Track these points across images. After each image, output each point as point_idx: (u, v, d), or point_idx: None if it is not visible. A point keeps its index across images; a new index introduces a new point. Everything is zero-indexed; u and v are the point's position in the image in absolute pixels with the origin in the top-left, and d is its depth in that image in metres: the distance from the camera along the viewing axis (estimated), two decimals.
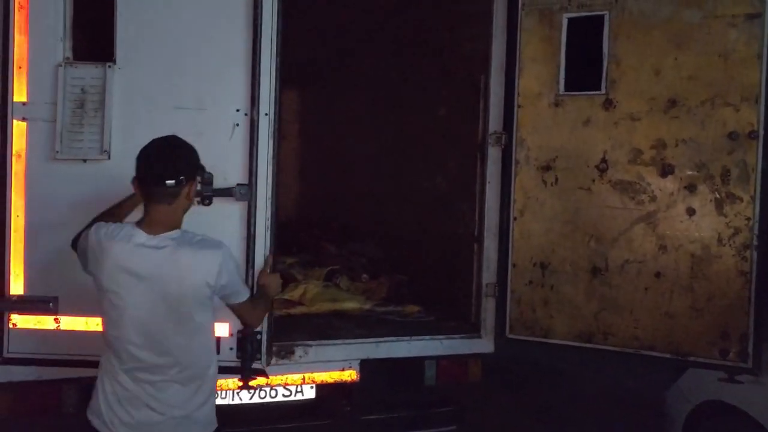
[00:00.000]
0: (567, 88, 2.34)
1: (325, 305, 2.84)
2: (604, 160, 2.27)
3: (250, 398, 2.41)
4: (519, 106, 2.46)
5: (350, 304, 2.86)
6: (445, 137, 3.11)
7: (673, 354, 2.23)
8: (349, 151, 4.70)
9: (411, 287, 3.30)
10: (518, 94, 2.45)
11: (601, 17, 2.28)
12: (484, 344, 2.63)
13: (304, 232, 4.89)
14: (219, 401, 2.33)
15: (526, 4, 2.44)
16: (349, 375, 2.44)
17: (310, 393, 2.48)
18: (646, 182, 2.21)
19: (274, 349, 2.30)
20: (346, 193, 4.70)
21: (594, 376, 3.14)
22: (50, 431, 2.13)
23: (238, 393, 2.36)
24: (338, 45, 4.61)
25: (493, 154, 2.61)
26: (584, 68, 2.31)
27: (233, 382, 2.30)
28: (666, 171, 2.18)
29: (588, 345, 2.28)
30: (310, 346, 2.37)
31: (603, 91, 2.28)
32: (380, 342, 2.47)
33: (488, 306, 2.63)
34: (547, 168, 2.37)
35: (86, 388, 2.13)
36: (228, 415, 2.36)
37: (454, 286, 2.90)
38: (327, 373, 2.43)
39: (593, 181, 2.29)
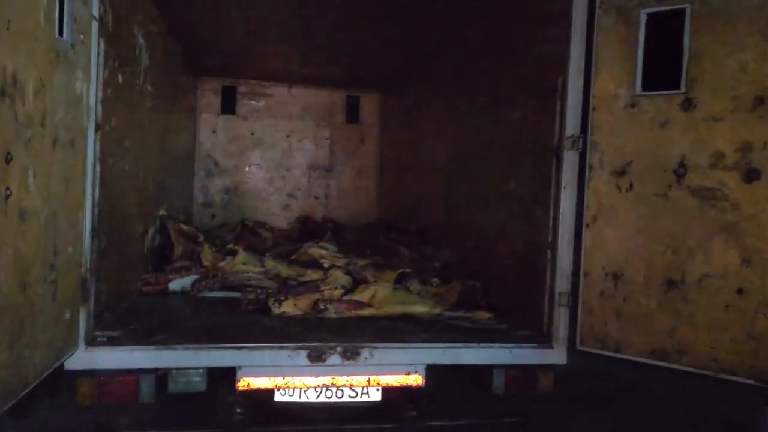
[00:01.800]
0: (644, 87, 2.23)
1: (394, 308, 2.85)
2: (682, 165, 2.14)
3: (317, 397, 2.46)
4: (593, 109, 2.37)
5: (419, 308, 2.86)
6: (520, 141, 3.04)
7: (757, 380, 2.06)
8: (427, 155, 4.69)
9: (483, 293, 3.25)
10: (593, 95, 2.37)
11: (682, 11, 2.16)
12: (556, 355, 2.55)
13: (379, 235, 4.93)
14: (286, 398, 2.41)
15: (604, 2, 2.36)
16: (415, 380, 2.44)
17: (375, 395, 2.49)
18: (728, 188, 2.07)
19: (339, 349, 2.35)
20: (423, 196, 4.69)
21: (675, 394, 2.96)
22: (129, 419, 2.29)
23: (305, 391, 2.42)
24: (417, 49, 4.62)
25: (570, 158, 2.53)
26: (662, 67, 2.19)
27: (300, 381, 2.37)
28: (751, 176, 2.02)
29: (662, 363, 2.15)
30: (377, 348, 2.38)
31: (682, 90, 2.15)
32: (447, 347, 2.45)
33: (561, 316, 2.55)
34: (621, 173, 2.27)
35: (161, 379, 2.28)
36: (294, 413, 2.44)
37: (527, 293, 2.83)
38: (392, 377, 2.43)
39: (670, 186, 2.16)
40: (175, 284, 3.36)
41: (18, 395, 1.74)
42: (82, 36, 2.10)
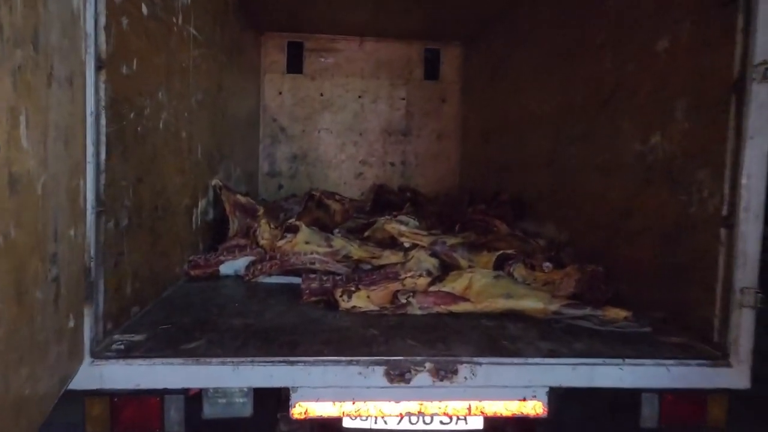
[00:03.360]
0: None
1: (497, 302, 2.17)
2: None
3: (398, 423, 1.84)
4: None
5: (530, 303, 2.16)
6: (667, 81, 2.26)
7: None
8: (522, 114, 3.92)
9: (606, 282, 2.52)
10: None
11: None
12: (735, 376, 1.80)
13: (466, 206, 4.23)
14: (357, 424, 1.81)
15: None
16: (534, 407, 1.76)
17: (476, 424, 1.85)
18: None
19: (428, 365, 1.70)
20: (518, 162, 3.93)
21: None
22: None
23: (383, 419, 1.80)
24: None
25: (761, 94, 1.74)
26: None
27: (376, 407, 1.75)
28: None
29: None
30: (480, 364, 1.72)
31: None
32: (579, 364, 1.75)
33: (743, 321, 1.80)
34: None
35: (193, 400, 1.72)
36: None
37: (681, 286, 2.08)
38: (502, 403, 1.77)
39: None
40: (227, 267, 2.82)
41: None
42: None
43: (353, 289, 2.21)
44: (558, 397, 1.79)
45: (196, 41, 2.87)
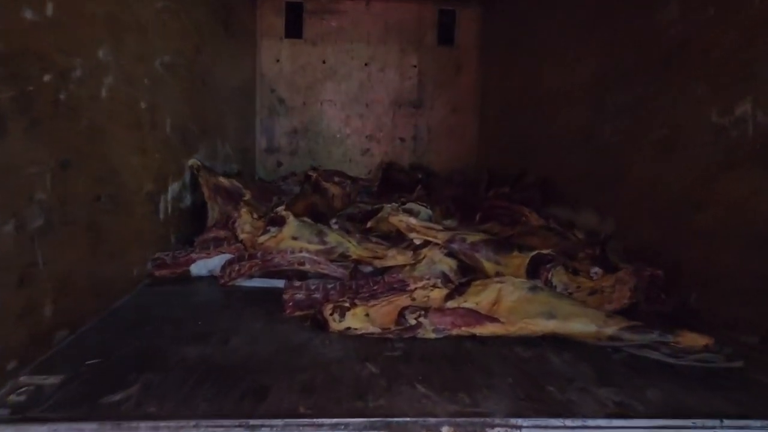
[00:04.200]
0: None
1: (535, 323, 1.66)
2: None
3: None
4: None
5: (580, 326, 1.65)
6: (754, 32, 1.71)
7: None
8: (553, 83, 3.36)
9: (665, 289, 2.00)
10: None
11: None
12: None
13: (485, 188, 3.70)
14: None
15: None
16: None
17: None
18: None
19: (447, 429, 1.20)
20: (548, 137, 3.39)
21: None
22: None
23: None
24: None
25: None
26: None
27: None
28: None
29: None
30: (519, 429, 1.22)
31: None
32: (660, 428, 1.25)
33: None
34: None
35: None
36: None
37: None
38: None
39: None
40: (199, 267, 2.33)
41: None
42: None
43: (347, 305, 1.71)
44: None
45: None
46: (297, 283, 1.90)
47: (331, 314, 1.70)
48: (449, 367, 1.49)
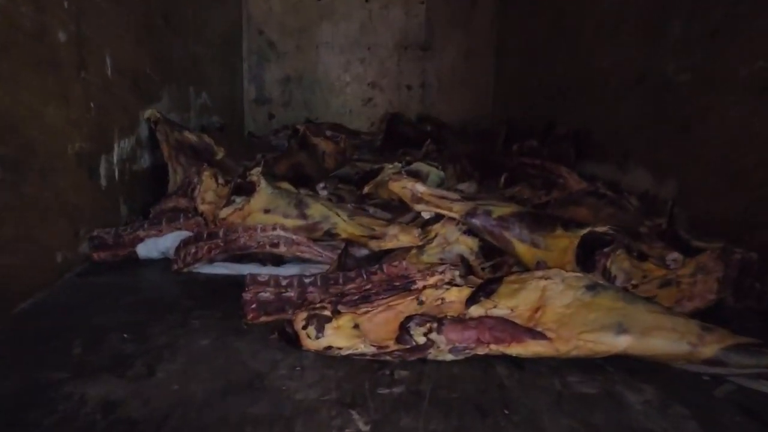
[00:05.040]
0: None
1: (600, 340, 1.13)
2: None
3: None
4: None
5: (665, 344, 1.12)
6: None
7: None
8: (591, 10, 2.76)
9: (761, 277, 1.49)
10: None
11: None
12: None
13: (503, 145, 3.15)
14: None
15: None
16: None
17: None
18: None
19: None
20: (584, 80, 2.81)
21: None
22: None
23: None
24: None
25: None
26: None
27: None
28: None
29: None
30: None
31: None
32: None
33: None
34: None
35: None
36: None
37: None
38: None
39: None
40: (148, 248, 1.82)
41: None
42: None
43: (328, 312, 1.20)
44: None
45: None
46: (262, 276, 1.39)
47: (305, 327, 1.19)
48: (476, 417, 0.98)
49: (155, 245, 1.81)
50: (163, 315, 1.39)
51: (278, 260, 1.73)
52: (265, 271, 1.68)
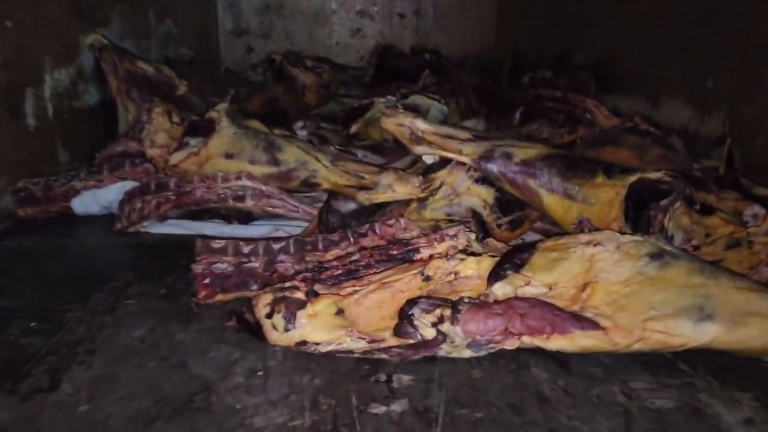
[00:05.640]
0: None
1: (673, 330, 0.82)
2: None
3: None
4: None
5: (760, 334, 0.83)
6: None
7: None
8: None
9: None
10: None
11: None
12: None
13: (512, 80, 2.78)
14: None
15: None
16: None
17: None
18: None
19: None
20: (608, 3, 2.42)
21: None
22: None
23: None
24: None
25: None
26: None
27: None
28: None
29: None
30: None
31: None
32: None
33: None
34: None
35: None
36: None
37: None
38: None
39: None
40: (86, 202, 1.48)
41: None
42: None
43: (301, 294, 0.88)
44: None
45: None
46: (217, 242, 1.06)
47: (270, 315, 0.87)
48: None
49: (94, 198, 1.47)
50: (90, 293, 1.07)
51: (246, 217, 1.40)
52: (228, 231, 1.36)
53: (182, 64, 2.79)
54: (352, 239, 1.08)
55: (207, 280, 1.03)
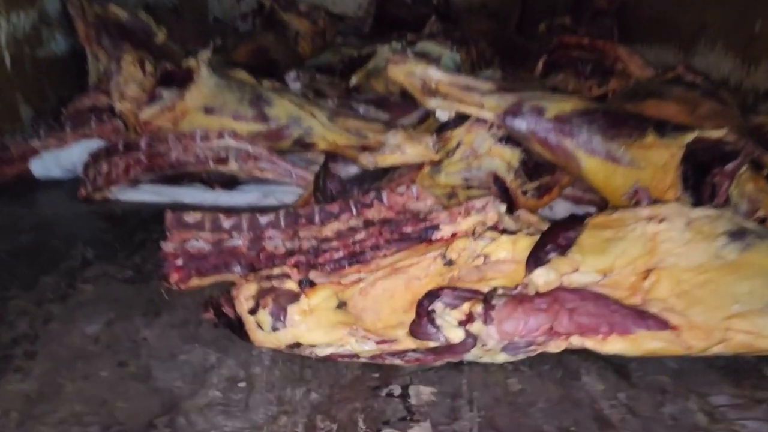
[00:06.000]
0: None
1: (761, 330, 0.67)
2: None
3: None
4: None
5: None
6: None
7: None
8: None
9: None
10: None
11: None
12: None
13: (520, 27, 2.56)
14: None
15: None
16: None
17: None
18: None
19: None
20: None
21: None
22: None
23: None
24: None
25: None
26: None
27: None
28: None
29: None
30: None
31: None
32: None
33: None
34: None
35: None
36: None
37: None
38: None
39: None
40: (46, 164, 1.28)
41: None
42: None
43: (294, 285, 0.70)
44: None
45: None
46: (191, 217, 0.87)
47: (254, 310, 0.69)
48: None
49: (56, 160, 1.28)
50: (39, 275, 0.89)
51: (231, 182, 1.21)
52: (210, 198, 1.17)
53: (164, 11, 2.55)
54: (354, 210, 0.89)
55: (180, 261, 0.85)
